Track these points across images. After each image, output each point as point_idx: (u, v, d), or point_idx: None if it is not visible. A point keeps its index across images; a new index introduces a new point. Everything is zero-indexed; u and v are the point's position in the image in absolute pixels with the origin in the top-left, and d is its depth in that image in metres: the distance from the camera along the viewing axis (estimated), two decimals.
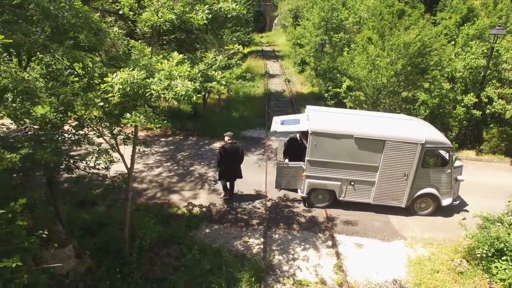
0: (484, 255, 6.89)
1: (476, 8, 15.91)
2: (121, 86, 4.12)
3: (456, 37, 14.78)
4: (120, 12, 6.47)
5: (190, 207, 9.33)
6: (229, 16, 5.43)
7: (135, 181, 10.60)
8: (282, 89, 23.24)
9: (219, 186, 10.36)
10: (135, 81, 4.62)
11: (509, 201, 7.04)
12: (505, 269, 6.55)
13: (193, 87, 4.38)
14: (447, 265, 7.61)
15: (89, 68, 5.60)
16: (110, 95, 4.11)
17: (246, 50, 34.89)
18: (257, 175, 11.22)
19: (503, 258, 6.73)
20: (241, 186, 10.54)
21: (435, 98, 13.05)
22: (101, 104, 4.83)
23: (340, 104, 14.60)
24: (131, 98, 5.22)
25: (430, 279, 7.27)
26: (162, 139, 13.98)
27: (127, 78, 4.40)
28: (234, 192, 9.91)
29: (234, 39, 21.43)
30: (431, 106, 13.34)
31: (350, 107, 13.26)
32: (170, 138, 14.10)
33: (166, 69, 4.95)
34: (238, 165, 9.43)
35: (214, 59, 5.36)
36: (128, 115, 5.18)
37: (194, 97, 4.41)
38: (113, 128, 5.89)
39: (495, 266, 6.79)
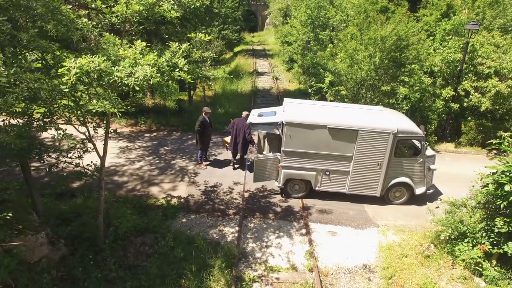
0: (448, 238, 7.12)
1: (456, 5, 16.24)
2: (78, 71, 4.26)
3: (436, 32, 15.09)
4: (93, 5, 6.62)
5: (169, 198, 9.48)
6: (192, 7, 5.58)
7: (115, 175, 10.74)
8: (269, 86, 23.45)
9: (198, 178, 10.66)
10: (98, 67, 4.78)
11: (472, 186, 7.27)
12: (466, 250, 6.78)
13: (151, 72, 4.55)
14: (416, 250, 7.84)
15: (57, 58, 5.73)
16: (66, 78, 4.25)
17: (236, 49, 35.11)
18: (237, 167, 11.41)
19: (466, 240, 6.97)
20: (221, 178, 10.74)
21: (416, 93, 13.31)
22: (67, 90, 4.97)
23: (323, 99, 14.84)
24: (97, 85, 5.40)
25: (398, 263, 7.49)
26: (146, 135, 14.10)
27: (87, 64, 4.55)
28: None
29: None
30: (413, 100, 13.60)
31: (331, 101, 13.49)
32: (154, 134, 14.23)
33: (130, 57, 5.13)
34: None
35: (178, 47, 5.53)
36: (94, 101, 5.35)
37: (152, 81, 4.58)
38: (82, 115, 6.02)
39: (458, 249, 7.03)
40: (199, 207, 9.24)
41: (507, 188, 5.78)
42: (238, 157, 11.29)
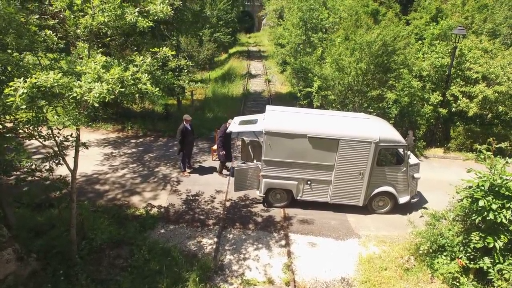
0: (426, 251, 6.99)
1: (445, 8, 16.10)
2: (26, 91, 4.10)
3: (425, 36, 14.95)
4: (61, 15, 6.47)
5: (149, 208, 9.34)
6: (156, 18, 5.44)
7: (97, 183, 10.59)
8: (262, 89, 23.28)
9: (180, 187, 10.52)
10: (56, 83, 4.64)
11: (452, 197, 7.13)
12: (444, 264, 6.65)
13: (107, 89, 4.41)
14: (396, 263, 7.71)
15: (20, 70, 5.57)
16: (11, 99, 4.08)
17: (231, 51, 34.90)
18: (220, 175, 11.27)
19: (445, 253, 6.84)
20: (204, 186, 10.59)
21: (405, 97, 13.16)
22: (24, 107, 4.81)
23: (313, 103, 14.69)
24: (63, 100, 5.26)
25: (377, 277, 7.35)
26: (132, 141, 13.94)
27: (43, 81, 4.40)
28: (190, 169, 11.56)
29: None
30: (403, 105, 13.46)
31: (317, 107, 13.35)
32: (141, 140, 14.07)
33: (92, 73, 4.98)
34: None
35: (142, 61, 5.38)
36: (55, 117, 5.21)
37: (107, 98, 4.44)
38: (51, 129, 5.88)
39: (437, 262, 6.90)
40: (178, 217, 9.10)
41: (481, 203, 5.64)
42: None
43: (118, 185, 10.55)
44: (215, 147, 12.29)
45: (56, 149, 6.30)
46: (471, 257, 6.32)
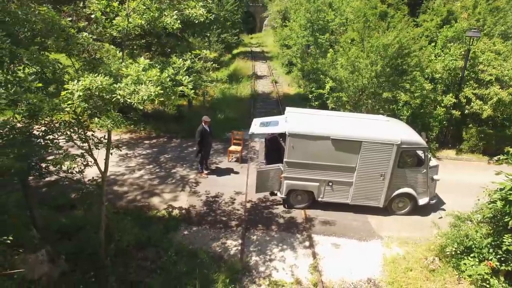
0: (453, 253, 7.05)
1: (456, 11, 16.21)
2: (81, 94, 4.13)
3: (437, 38, 15.05)
4: (92, 16, 6.49)
5: (170, 209, 9.36)
6: (196, 22, 5.49)
7: (115, 184, 10.60)
8: (269, 90, 23.32)
9: (199, 188, 10.53)
10: (101, 86, 4.67)
11: (478, 199, 7.20)
12: (472, 265, 6.72)
13: (155, 92, 4.44)
14: (421, 264, 7.77)
15: (58, 73, 5.59)
16: (69, 102, 4.12)
17: (234, 51, 34.96)
18: (238, 176, 11.30)
19: (472, 255, 6.91)
20: (222, 187, 10.61)
21: (417, 99, 13.26)
22: (68, 109, 4.83)
23: (324, 105, 14.75)
24: (100, 103, 5.28)
25: (403, 278, 7.41)
26: (146, 141, 13.94)
27: (89, 85, 4.43)
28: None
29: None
30: (413, 107, 13.55)
31: (332, 108, 13.41)
32: (154, 141, 14.07)
33: (133, 75, 5.00)
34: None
35: (182, 64, 5.42)
36: (96, 119, 5.23)
37: (156, 101, 4.48)
38: (84, 132, 5.90)
39: (464, 263, 6.96)
40: (201, 218, 9.12)
41: None
42: None
43: (136, 187, 10.56)
44: (231, 148, 12.34)
45: (88, 151, 6.31)
46: (502, 259, 6.39)
